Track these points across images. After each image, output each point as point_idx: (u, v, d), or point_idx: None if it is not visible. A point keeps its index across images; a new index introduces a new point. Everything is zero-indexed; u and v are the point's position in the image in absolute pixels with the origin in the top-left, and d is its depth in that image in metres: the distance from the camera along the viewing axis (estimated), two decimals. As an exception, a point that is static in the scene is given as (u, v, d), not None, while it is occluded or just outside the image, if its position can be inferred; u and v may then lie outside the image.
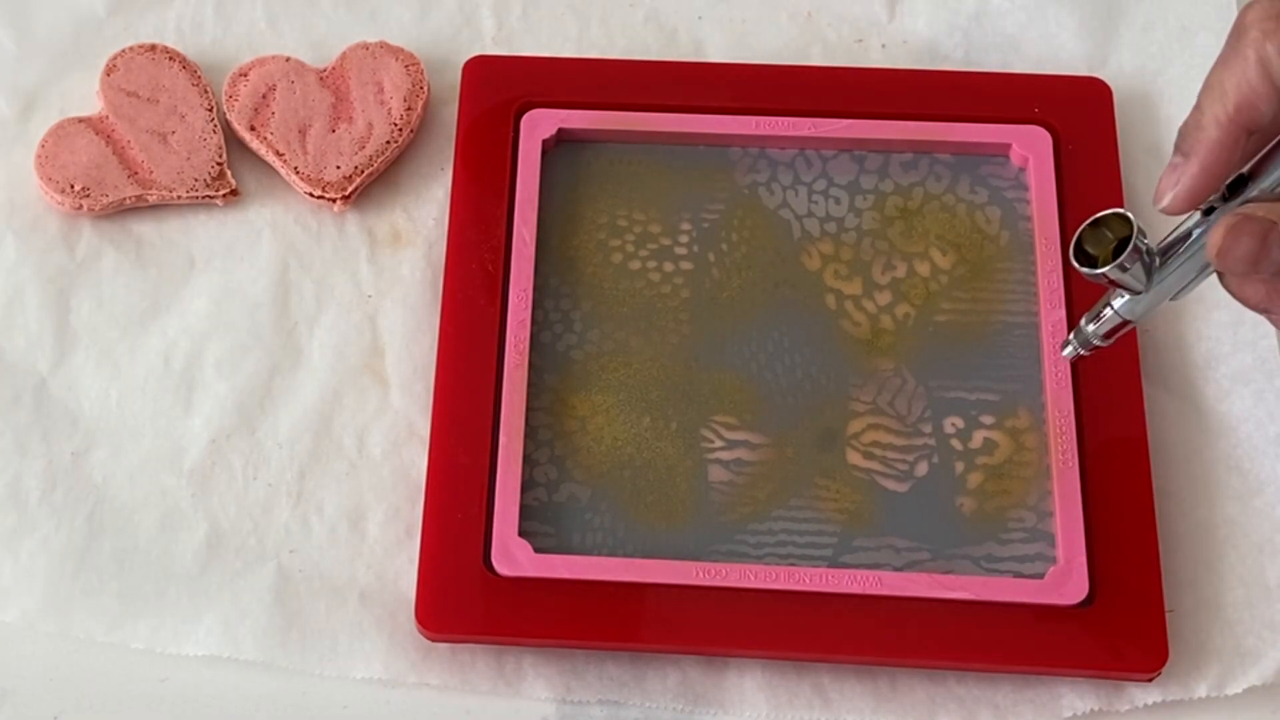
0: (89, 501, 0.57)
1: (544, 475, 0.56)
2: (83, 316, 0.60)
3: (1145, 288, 0.47)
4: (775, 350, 0.58)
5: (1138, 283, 0.46)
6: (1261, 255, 0.42)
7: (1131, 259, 0.45)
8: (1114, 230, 0.45)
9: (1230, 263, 0.43)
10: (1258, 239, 0.42)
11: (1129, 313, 0.48)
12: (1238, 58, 0.42)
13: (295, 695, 0.54)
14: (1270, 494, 0.57)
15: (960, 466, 0.56)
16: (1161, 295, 0.47)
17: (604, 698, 0.54)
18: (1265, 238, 0.42)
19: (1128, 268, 0.45)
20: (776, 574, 0.53)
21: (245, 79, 0.63)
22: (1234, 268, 0.43)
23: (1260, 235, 0.42)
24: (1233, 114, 0.42)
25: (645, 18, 0.66)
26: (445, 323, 0.58)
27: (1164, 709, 0.54)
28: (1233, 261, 0.43)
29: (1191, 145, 0.44)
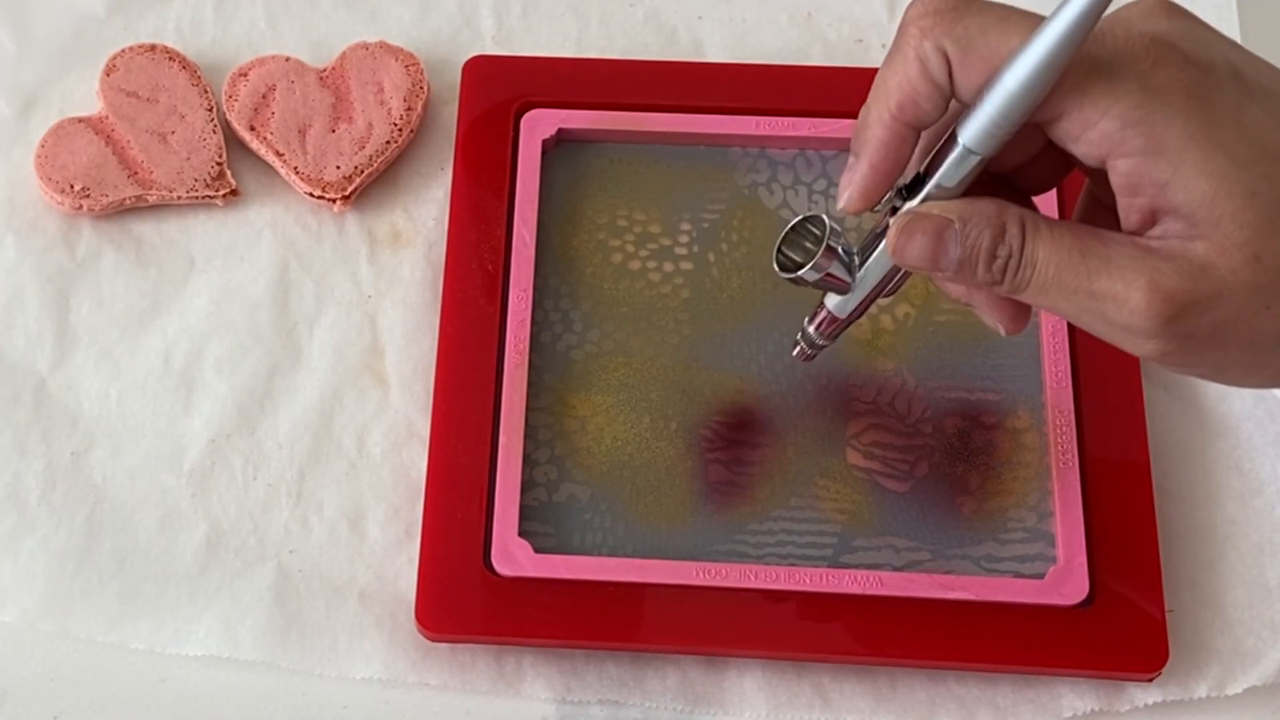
0: (89, 501, 0.57)
1: (544, 475, 0.56)
2: (83, 316, 0.60)
3: (850, 285, 0.47)
4: (775, 350, 0.58)
5: (840, 282, 0.47)
6: (939, 252, 0.42)
7: (827, 259, 0.46)
8: (814, 234, 0.46)
9: (910, 260, 0.43)
10: (932, 237, 0.42)
11: (840, 310, 0.49)
12: (899, 56, 0.42)
13: (295, 695, 0.54)
14: (1270, 494, 0.57)
15: (960, 467, 0.56)
16: (866, 292, 0.48)
17: (604, 698, 0.54)
18: (940, 235, 0.42)
19: (824, 268, 0.46)
20: (776, 574, 0.53)
21: (245, 79, 0.63)
22: (915, 265, 0.43)
23: (935, 233, 0.42)
24: (895, 112, 0.42)
25: (645, 18, 0.66)
26: (445, 323, 0.58)
27: (1164, 709, 0.54)
28: (912, 259, 0.43)
29: (860, 145, 0.44)
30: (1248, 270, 0.39)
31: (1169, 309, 0.39)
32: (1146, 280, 0.39)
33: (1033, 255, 0.41)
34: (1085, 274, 0.40)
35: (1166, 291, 0.39)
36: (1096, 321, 0.41)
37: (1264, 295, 0.39)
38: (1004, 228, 0.41)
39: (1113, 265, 0.40)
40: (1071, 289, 0.41)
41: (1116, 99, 0.39)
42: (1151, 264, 0.39)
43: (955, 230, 0.42)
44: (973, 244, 0.42)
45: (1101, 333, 0.41)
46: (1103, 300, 0.40)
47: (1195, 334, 0.40)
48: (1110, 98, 0.39)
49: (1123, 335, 0.41)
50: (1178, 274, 0.39)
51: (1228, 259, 0.39)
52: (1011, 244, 0.41)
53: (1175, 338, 0.40)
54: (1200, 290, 0.39)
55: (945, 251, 0.42)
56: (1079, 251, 0.41)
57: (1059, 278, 0.41)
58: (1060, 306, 0.41)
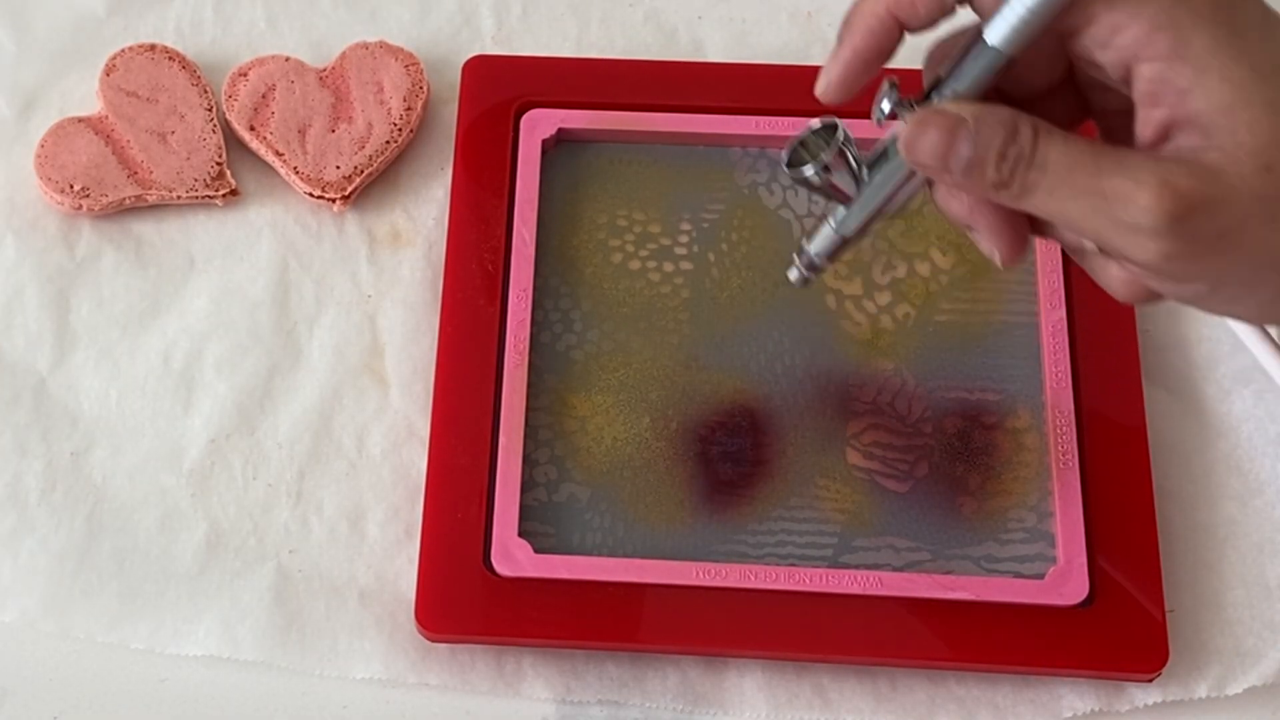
0: (89, 501, 0.57)
1: (544, 475, 0.56)
2: (82, 316, 0.60)
3: (854, 194, 0.46)
4: (775, 350, 0.58)
5: (846, 188, 0.46)
6: (949, 150, 0.42)
7: (837, 162, 0.45)
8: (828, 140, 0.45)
9: (919, 155, 0.43)
10: (945, 133, 0.42)
11: (841, 225, 0.48)
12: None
13: (295, 695, 0.54)
14: (1270, 494, 0.57)
15: (960, 467, 0.56)
16: (871, 204, 0.47)
17: (604, 698, 0.54)
18: (953, 132, 0.42)
19: (832, 170, 0.45)
20: (776, 574, 0.53)
21: (245, 79, 0.63)
22: (925, 161, 0.43)
23: (948, 129, 0.42)
24: (890, 4, 0.43)
25: (645, 18, 0.66)
26: (445, 323, 0.58)
27: (1164, 709, 0.54)
28: (922, 155, 0.42)
29: (847, 31, 0.44)
30: (1258, 179, 0.39)
31: (1178, 207, 0.39)
32: (1158, 179, 0.39)
33: (1044, 157, 0.41)
34: (1096, 173, 0.40)
35: (1176, 189, 0.39)
36: (1104, 224, 0.41)
37: (1272, 207, 0.39)
38: (1017, 129, 0.41)
39: (1124, 165, 0.40)
40: (1081, 189, 0.40)
41: (1146, 3, 0.40)
42: (1164, 166, 0.40)
43: (969, 128, 0.42)
44: (985, 142, 0.41)
45: (1109, 238, 0.41)
46: (1112, 199, 0.40)
47: (1201, 237, 0.40)
48: (1140, 1, 0.40)
49: (1129, 237, 0.40)
50: (1189, 175, 0.39)
51: (1239, 166, 0.39)
52: (1024, 144, 0.41)
53: (1181, 238, 0.40)
54: (1210, 192, 0.39)
55: (956, 149, 0.42)
56: (1090, 154, 0.41)
57: (1069, 177, 0.41)
58: (1069, 209, 0.41)
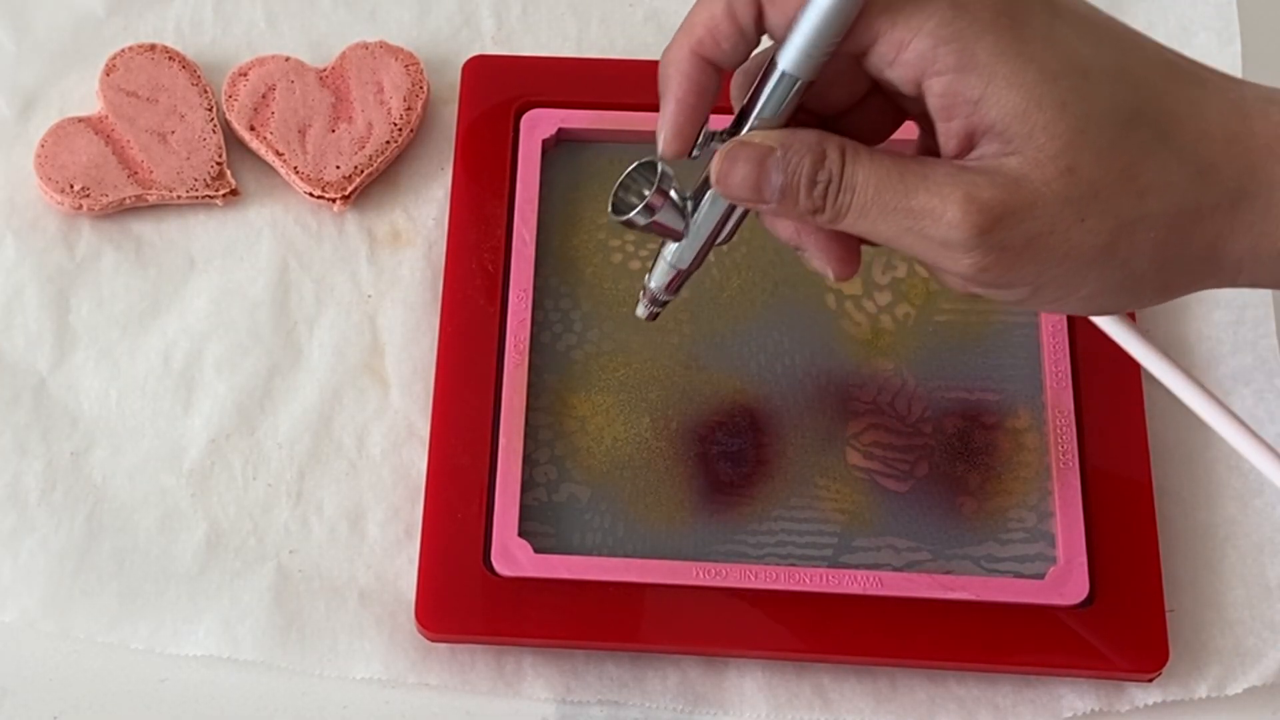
0: (88, 501, 0.57)
1: (544, 475, 0.56)
2: (82, 316, 0.60)
3: (684, 230, 0.46)
4: (775, 350, 0.58)
5: (673, 230, 0.46)
6: (761, 181, 0.42)
7: (659, 201, 0.45)
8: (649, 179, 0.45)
9: (733, 189, 0.43)
10: (754, 164, 0.42)
11: (677, 260, 0.48)
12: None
13: (295, 695, 0.54)
14: (1270, 494, 0.57)
15: (960, 466, 0.56)
16: (702, 237, 0.47)
17: (604, 698, 0.54)
18: (762, 163, 0.42)
19: (655, 210, 0.45)
20: (776, 574, 0.53)
21: (245, 79, 0.63)
22: (738, 194, 0.43)
23: (756, 161, 0.42)
24: (695, 47, 0.43)
25: (645, 18, 0.66)
26: (445, 323, 0.58)
27: (1164, 709, 0.54)
28: (735, 188, 0.43)
29: (664, 84, 0.44)
30: (1061, 182, 0.39)
31: (984, 220, 0.39)
32: (962, 193, 0.40)
33: (852, 178, 0.41)
34: (903, 192, 0.40)
35: (981, 203, 0.39)
36: (917, 241, 0.41)
37: (1078, 207, 0.40)
38: (824, 153, 0.42)
39: (929, 182, 0.40)
40: (891, 208, 0.41)
41: (927, 17, 0.40)
42: (967, 178, 0.40)
43: (777, 157, 0.42)
44: (794, 170, 0.42)
45: (923, 254, 0.41)
46: (920, 217, 0.40)
47: (1010, 245, 0.40)
48: (921, 16, 0.40)
49: (942, 252, 0.41)
50: (992, 186, 0.40)
51: (1041, 171, 0.39)
52: (831, 169, 0.41)
53: (992, 249, 0.40)
54: (1014, 201, 0.39)
55: (767, 179, 0.42)
56: (897, 172, 0.41)
57: (878, 198, 0.41)
58: (881, 229, 0.42)
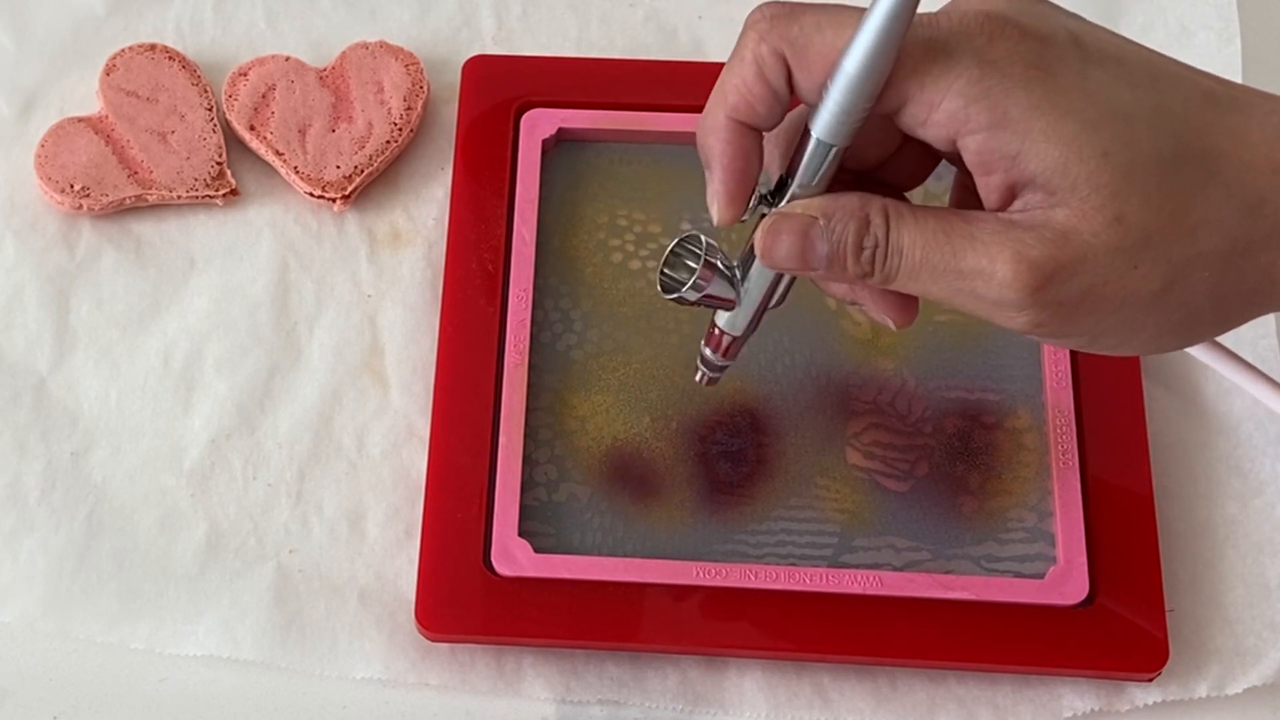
0: (88, 501, 0.57)
1: (544, 475, 0.56)
2: (82, 316, 0.60)
3: (735, 302, 0.46)
4: (775, 350, 0.58)
5: (724, 300, 0.46)
6: (806, 251, 0.42)
7: (707, 277, 0.45)
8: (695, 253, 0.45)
9: (779, 262, 0.42)
10: (798, 236, 0.42)
11: (731, 326, 0.48)
12: (737, 60, 0.42)
13: (295, 695, 0.54)
14: (1270, 494, 0.57)
15: (960, 466, 0.56)
16: (753, 305, 0.47)
17: (604, 698, 0.54)
18: (806, 234, 0.42)
19: (704, 286, 0.45)
20: (776, 574, 0.53)
21: (245, 79, 0.63)
22: (785, 265, 0.43)
23: (799, 232, 0.42)
24: (730, 113, 0.42)
25: (645, 18, 0.66)
26: (445, 323, 0.58)
27: (1164, 709, 0.54)
28: (780, 261, 0.42)
29: (707, 155, 0.44)
30: (1110, 232, 0.39)
31: (1035, 278, 0.39)
32: (1011, 252, 0.39)
33: (899, 242, 0.41)
34: (951, 254, 0.40)
35: (1031, 261, 0.39)
36: (969, 300, 0.41)
37: (1130, 256, 0.39)
38: (868, 218, 0.41)
39: (977, 242, 0.40)
40: (940, 270, 0.40)
41: (956, 76, 0.39)
42: (1014, 235, 0.39)
43: (820, 226, 0.42)
44: (838, 238, 0.41)
45: (976, 311, 0.41)
46: (971, 278, 0.40)
47: (1065, 300, 0.40)
48: (949, 76, 0.39)
49: (996, 310, 0.41)
50: (1041, 243, 0.39)
51: (1089, 223, 0.39)
52: (876, 234, 0.41)
53: (1046, 306, 0.40)
54: (1065, 256, 0.39)
55: (813, 249, 0.42)
56: (943, 233, 0.40)
57: (926, 260, 0.41)
58: (932, 290, 0.41)
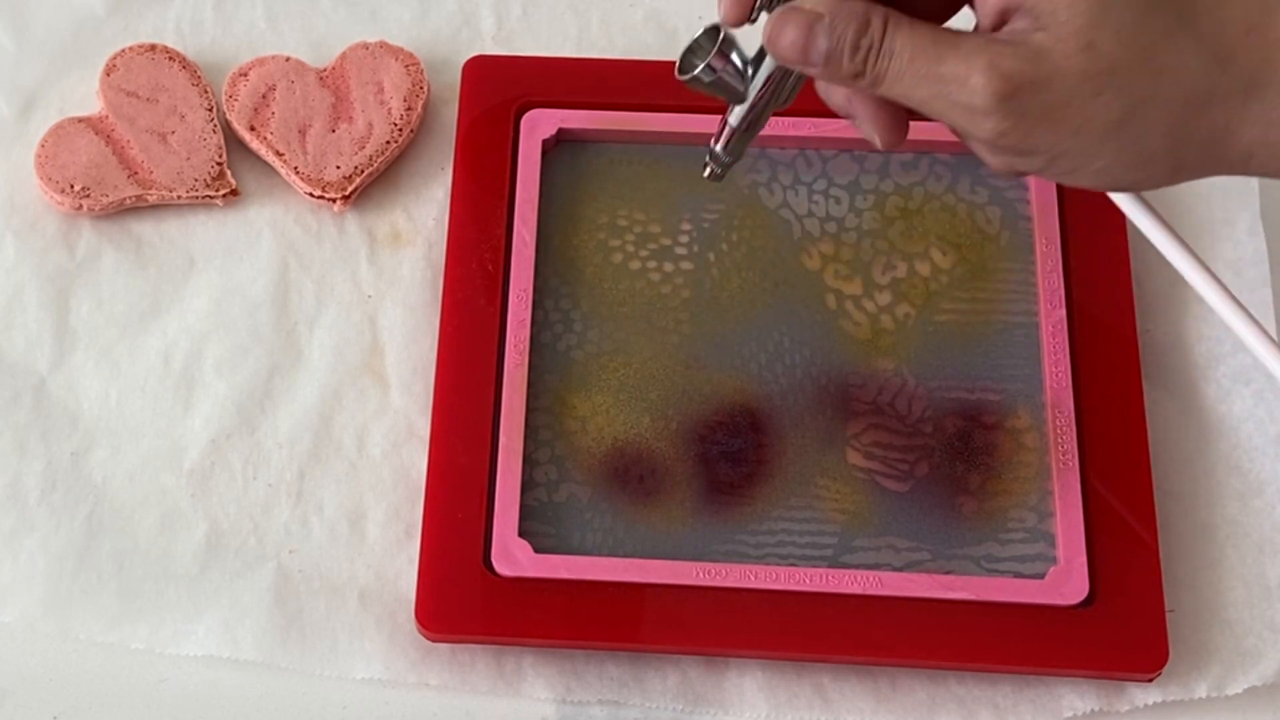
0: (88, 501, 0.57)
1: (544, 475, 0.56)
2: (82, 316, 0.60)
3: (743, 91, 0.49)
4: (775, 350, 0.58)
5: (735, 86, 0.48)
6: (809, 44, 0.44)
7: (720, 61, 0.47)
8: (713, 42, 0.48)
9: (782, 51, 0.45)
10: (802, 28, 0.44)
11: (737, 120, 0.50)
12: None
13: (295, 695, 0.54)
14: (1270, 494, 0.57)
15: (960, 466, 0.56)
16: (761, 99, 0.49)
17: (604, 698, 0.54)
18: (809, 27, 0.44)
19: (718, 69, 0.48)
20: (776, 574, 0.53)
21: (245, 79, 0.63)
22: (787, 56, 0.45)
23: (804, 25, 0.44)
24: None
25: (645, 18, 0.66)
26: (445, 323, 0.58)
27: (1164, 709, 0.54)
28: (784, 50, 0.45)
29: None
30: (1080, 57, 0.42)
31: (1005, 87, 0.42)
32: (986, 61, 0.42)
33: (891, 45, 0.44)
34: (935, 59, 0.43)
35: (1003, 71, 0.42)
36: (945, 106, 0.44)
37: (1094, 82, 0.42)
38: (868, 21, 0.44)
39: (959, 50, 0.43)
40: (923, 74, 0.43)
41: None
42: (994, 49, 0.43)
43: (825, 23, 0.44)
44: (839, 35, 0.44)
45: (951, 118, 0.44)
46: (948, 82, 0.43)
47: (1029, 113, 0.42)
48: None
49: (966, 116, 0.43)
50: (1015, 58, 0.42)
51: (1062, 46, 0.42)
52: (873, 35, 0.44)
53: (1010, 115, 0.42)
54: (1035, 72, 0.42)
55: (814, 43, 0.44)
56: (931, 40, 0.43)
57: (913, 64, 0.43)
58: (914, 94, 0.44)
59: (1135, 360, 0.57)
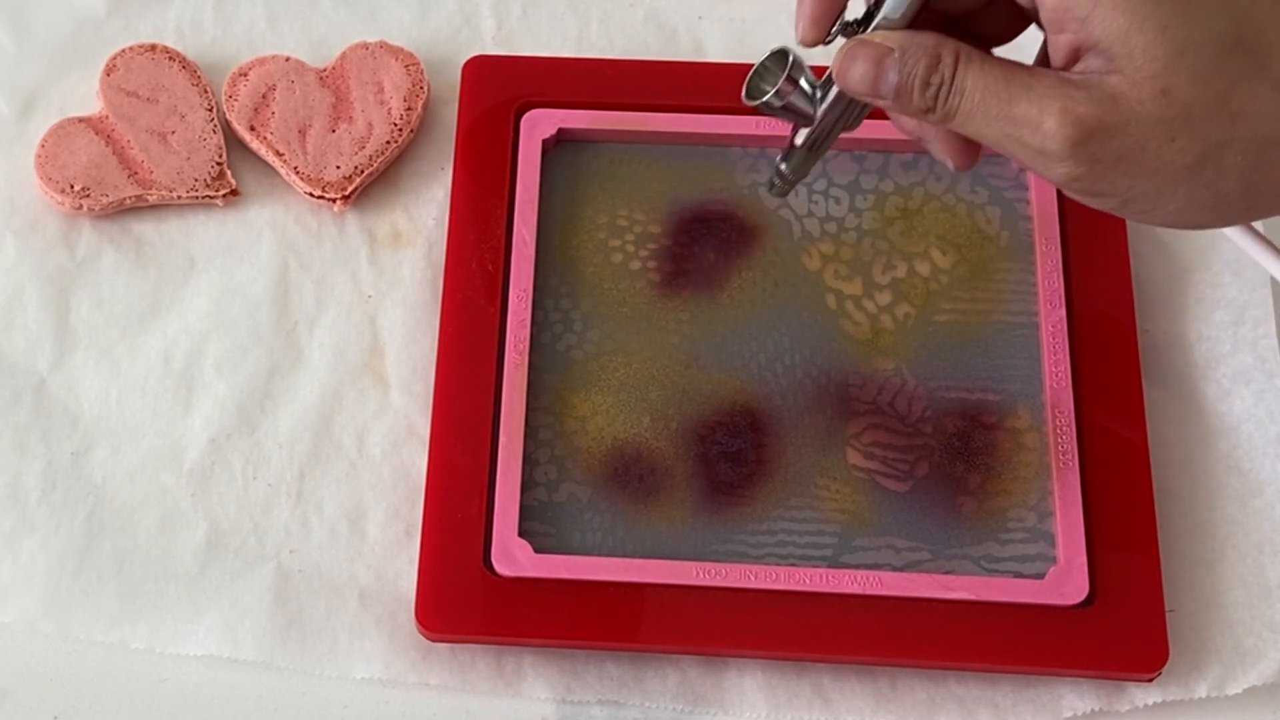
0: (89, 501, 0.57)
1: (544, 475, 0.56)
2: (82, 316, 0.60)
3: (812, 115, 0.49)
4: (775, 350, 0.58)
5: (804, 109, 0.48)
6: (878, 79, 0.44)
7: (789, 87, 0.47)
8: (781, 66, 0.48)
9: (851, 85, 0.45)
10: (872, 63, 0.44)
11: (803, 140, 0.50)
12: None
13: (295, 695, 0.54)
14: (1270, 494, 0.57)
15: (960, 466, 0.56)
16: (830, 123, 0.49)
17: (604, 698, 0.54)
18: (880, 62, 0.44)
19: (786, 94, 0.48)
20: (776, 574, 0.53)
21: (245, 79, 0.63)
22: (856, 90, 0.45)
23: (874, 60, 0.44)
24: None
25: (645, 18, 0.66)
26: (445, 323, 0.58)
27: (1164, 709, 0.54)
28: (853, 84, 0.45)
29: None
30: (1155, 102, 0.41)
31: (1078, 133, 0.42)
32: (1060, 106, 0.42)
33: (962, 83, 0.44)
34: (1007, 100, 0.43)
35: (1077, 117, 0.42)
36: (1016, 147, 0.43)
37: (1169, 127, 0.42)
38: (940, 57, 0.44)
39: (1032, 93, 0.42)
40: (994, 114, 0.43)
41: None
42: (1067, 92, 0.42)
43: (895, 58, 0.44)
44: (909, 71, 0.44)
45: (1023, 160, 0.44)
46: (1020, 125, 0.43)
47: (1102, 159, 0.42)
48: None
49: (1038, 159, 0.43)
50: (1089, 102, 0.42)
51: (1137, 90, 0.42)
52: (944, 72, 0.44)
53: (1084, 161, 0.42)
54: (1109, 118, 0.42)
55: (884, 77, 0.44)
56: (1004, 80, 0.43)
57: (984, 104, 0.43)
58: (985, 132, 0.44)
59: (1135, 360, 0.57)
